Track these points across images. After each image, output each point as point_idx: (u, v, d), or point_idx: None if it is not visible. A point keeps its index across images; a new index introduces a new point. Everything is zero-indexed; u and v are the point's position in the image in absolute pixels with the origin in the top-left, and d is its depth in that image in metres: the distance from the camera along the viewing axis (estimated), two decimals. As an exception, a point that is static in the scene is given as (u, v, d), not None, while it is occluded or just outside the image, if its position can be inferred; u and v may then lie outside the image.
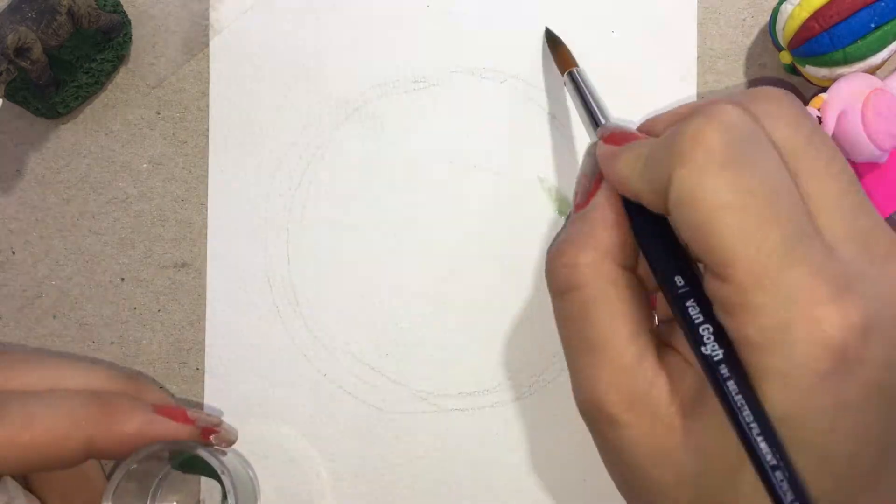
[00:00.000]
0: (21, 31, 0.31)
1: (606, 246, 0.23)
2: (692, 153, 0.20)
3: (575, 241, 0.24)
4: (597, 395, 0.22)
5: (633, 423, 0.22)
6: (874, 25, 0.31)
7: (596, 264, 0.23)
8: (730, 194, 0.19)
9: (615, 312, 0.22)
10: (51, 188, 0.36)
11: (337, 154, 0.36)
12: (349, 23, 0.36)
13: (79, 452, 0.27)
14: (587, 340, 0.23)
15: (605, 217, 0.24)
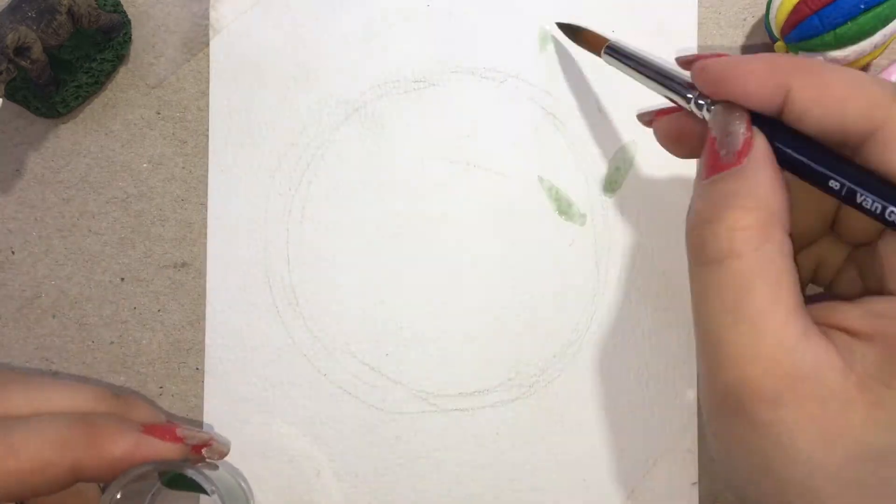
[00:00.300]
0: (21, 31, 0.31)
1: (773, 208, 0.21)
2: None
3: (735, 203, 0.21)
4: (753, 373, 0.20)
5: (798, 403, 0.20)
6: (864, 7, 0.31)
7: (763, 228, 0.21)
8: None
9: (781, 282, 0.21)
10: (50, 188, 0.36)
11: (337, 154, 0.36)
12: (349, 23, 0.36)
13: (65, 477, 0.26)
14: (743, 314, 0.21)
15: (768, 176, 0.22)
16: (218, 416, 0.35)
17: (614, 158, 0.36)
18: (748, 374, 0.20)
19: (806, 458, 0.20)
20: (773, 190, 0.21)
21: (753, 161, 0.22)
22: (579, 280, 0.35)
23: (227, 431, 0.35)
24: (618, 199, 0.36)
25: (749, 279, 0.21)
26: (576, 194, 0.36)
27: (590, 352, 0.35)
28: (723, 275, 0.21)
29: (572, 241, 0.36)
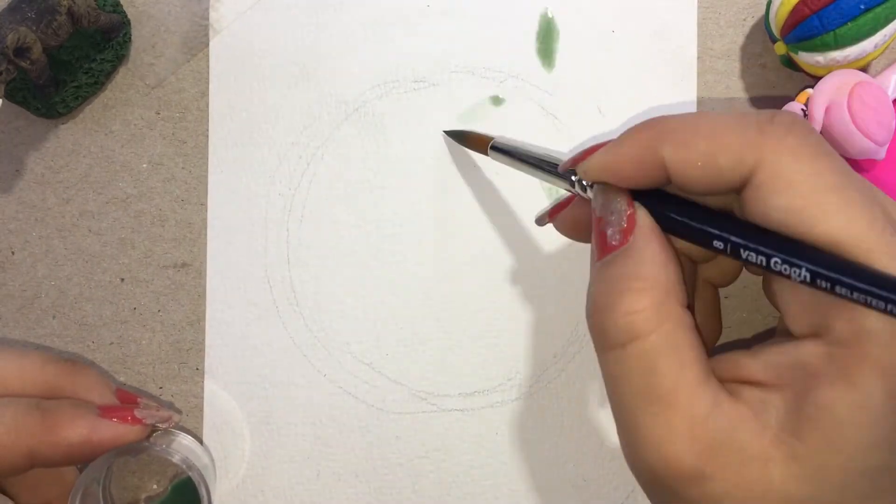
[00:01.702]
0: (21, 31, 0.31)
1: (666, 284, 0.21)
2: (786, 140, 0.20)
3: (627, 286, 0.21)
4: (672, 452, 0.20)
5: (721, 474, 0.20)
6: (864, 7, 0.31)
7: (659, 307, 0.21)
8: (831, 176, 0.19)
9: (685, 358, 0.21)
10: (50, 188, 0.36)
11: (337, 154, 0.36)
12: (349, 22, 0.36)
13: (20, 464, 0.27)
14: (653, 395, 0.21)
15: (655, 253, 0.22)
16: (218, 416, 0.35)
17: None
18: (668, 454, 0.20)
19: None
20: (662, 265, 0.21)
21: (639, 238, 0.22)
22: (579, 280, 0.35)
23: (227, 431, 0.35)
24: (618, 199, 0.36)
25: (653, 360, 0.21)
26: (576, 194, 0.36)
27: (590, 352, 0.35)
28: (627, 359, 0.21)
29: (572, 241, 0.36)
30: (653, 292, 0.21)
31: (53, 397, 0.29)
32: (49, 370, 0.29)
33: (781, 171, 0.19)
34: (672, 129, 0.21)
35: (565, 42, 0.36)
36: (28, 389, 0.29)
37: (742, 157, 0.20)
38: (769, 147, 0.20)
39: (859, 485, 0.19)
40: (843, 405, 0.19)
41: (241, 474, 0.35)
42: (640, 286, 0.21)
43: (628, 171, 0.22)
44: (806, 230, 0.19)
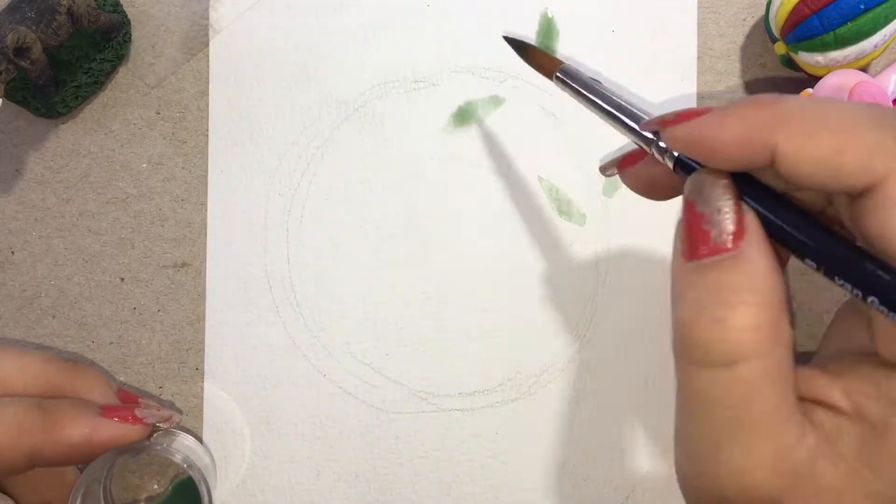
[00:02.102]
0: (21, 31, 0.31)
1: (778, 301, 0.19)
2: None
3: (738, 298, 0.18)
4: (752, 482, 0.19)
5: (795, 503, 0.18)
6: (864, 7, 0.31)
7: (773, 327, 0.18)
8: None
9: (787, 386, 0.19)
10: (50, 188, 0.36)
11: (337, 154, 0.36)
12: (349, 22, 0.36)
13: (21, 463, 0.26)
14: (745, 423, 0.19)
15: (768, 263, 0.19)
16: (218, 416, 0.35)
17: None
18: (747, 483, 0.19)
19: None
20: (775, 280, 0.19)
21: (753, 246, 0.19)
22: (579, 280, 0.35)
23: (227, 431, 0.35)
24: (618, 199, 0.36)
25: (756, 388, 0.18)
26: (576, 194, 0.36)
27: (590, 352, 0.35)
28: (726, 382, 0.19)
29: (572, 241, 0.36)
30: (768, 310, 0.18)
31: (54, 397, 0.29)
32: (50, 370, 0.29)
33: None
34: (793, 114, 0.19)
35: (565, 42, 0.36)
36: (29, 389, 0.29)
37: (871, 162, 0.18)
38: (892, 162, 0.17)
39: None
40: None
41: (241, 474, 0.35)
42: (754, 300, 0.18)
43: (729, 152, 0.19)
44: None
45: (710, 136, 0.20)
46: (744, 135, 0.19)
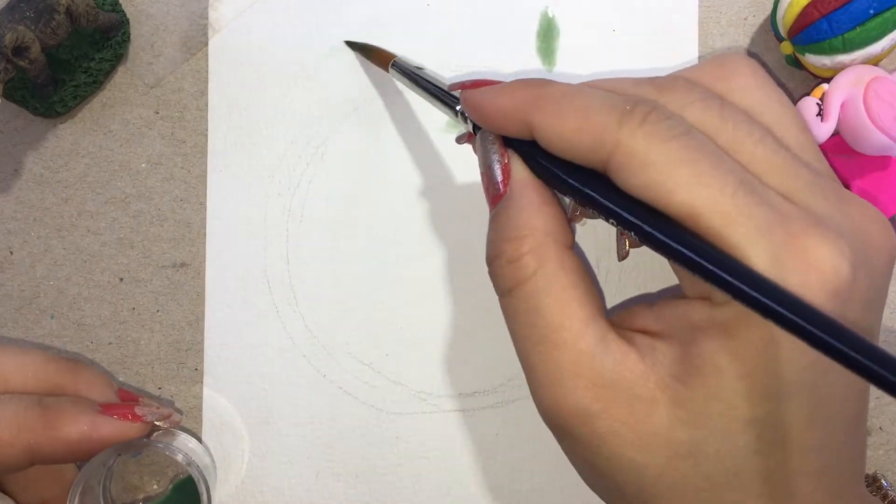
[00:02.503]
0: (19, 31, 0.31)
1: (544, 228, 0.22)
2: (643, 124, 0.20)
3: (508, 234, 0.22)
4: (562, 391, 0.21)
5: (607, 412, 0.21)
6: (873, 12, 0.31)
7: (538, 250, 0.22)
8: (682, 152, 0.20)
9: (568, 297, 0.22)
10: (49, 188, 0.36)
11: (336, 154, 0.36)
12: (349, 22, 0.36)
13: (21, 460, 0.27)
14: (538, 335, 0.22)
15: (532, 198, 0.23)
16: (217, 416, 0.35)
17: None
18: (557, 393, 0.21)
19: (629, 464, 0.21)
20: (538, 210, 0.22)
21: (514, 187, 0.23)
22: (579, 280, 0.35)
23: (226, 431, 0.35)
24: (618, 199, 0.36)
25: (535, 302, 0.22)
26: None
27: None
28: (515, 303, 0.22)
29: (572, 241, 0.35)
30: (530, 238, 0.22)
31: (54, 395, 0.29)
32: (50, 368, 0.29)
33: (636, 153, 0.20)
34: (549, 96, 0.22)
35: (566, 41, 0.36)
36: (29, 387, 0.29)
37: (602, 139, 0.21)
38: (626, 132, 0.20)
39: (743, 436, 0.20)
40: (722, 355, 0.20)
41: (241, 474, 0.35)
42: (518, 234, 0.22)
43: (497, 121, 0.23)
44: (664, 203, 0.20)
45: (485, 105, 0.24)
46: (509, 109, 0.23)
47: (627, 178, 0.20)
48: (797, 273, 0.18)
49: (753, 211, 0.19)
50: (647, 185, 0.20)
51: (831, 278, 0.18)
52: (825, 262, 0.18)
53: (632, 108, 0.21)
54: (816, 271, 0.18)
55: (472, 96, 0.24)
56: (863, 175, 0.34)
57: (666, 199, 0.20)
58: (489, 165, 0.24)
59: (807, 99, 0.33)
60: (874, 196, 0.34)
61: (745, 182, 0.20)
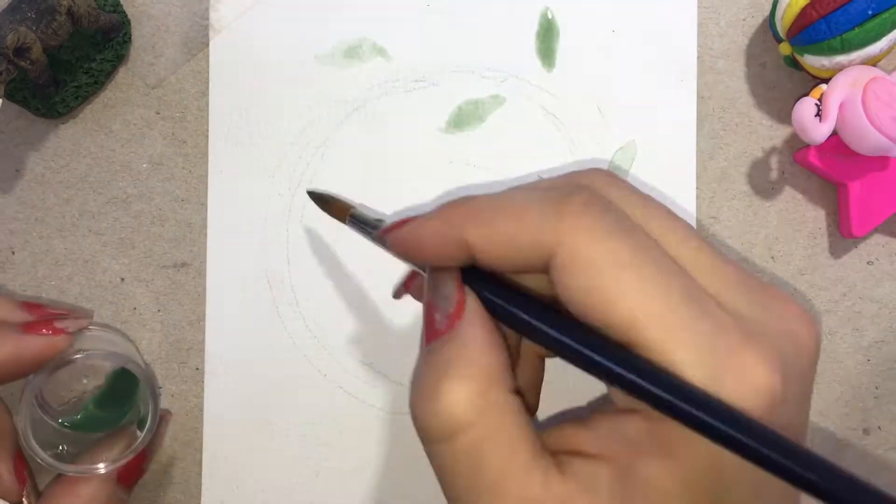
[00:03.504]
0: (21, 31, 0.31)
1: (489, 371, 0.20)
2: (582, 220, 0.19)
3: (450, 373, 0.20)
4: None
5: None
6: (871, 13, 0.31)
7: (483, 396, 0.20)
8: (626, 254, 0.19)
9: (513, 445, 0.20)
10: (50, 188, 0.36)
11: (337, 154, 0.36)
12: (349, 22, 0.36)
13: None
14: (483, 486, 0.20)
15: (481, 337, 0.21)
16: (218, 415, 0.35)
17: (614, 158, 0.36)
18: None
19: None
20: (485, 351, 0.21)
21: (466, 323, 0.21)
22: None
23: (227, 431, 0.35)
24: (618, 200, 0.36)
25: (479, 452, 0.20)
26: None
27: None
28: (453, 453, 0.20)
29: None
30: (474, 380, 0.20)
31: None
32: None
33: (578, 252, 0.19)
34: (477, 208, 0.21)
35: (566, 42, 0.36)
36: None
37: (541, 238, 0.20)
38: (565, 228, 0.19)
39: None
40: (666, 477, 0.19)
41: (240, 475, 0.35)
42: (462, 373, 0.20)
43: (431, 248, 0.22)
44: (606, 310, 0.19)
45: (415, 236, 0.22)
46: (440, 230, 0.22)
47: (569, 280, 0.19)
48: (734, 390, 0.18)
49: (695, 325, 0.18)
50: (589, 289, 0.19)
51: (765, 393, 0.18)
52: (760, 379, 0.18)
53: (567, 197, 0.20)
54: (752, 388, 0.18)
55: (401, 233, 0.23)
56: (861, 175, 0.34)
57: (608, 307, 0.19)
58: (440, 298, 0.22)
59: (805, 99, 0.33)
60: (874, 196, 0.34)
61: (687, 290, 0.19)
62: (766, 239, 0.36)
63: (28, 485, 0.31)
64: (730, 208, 0.36)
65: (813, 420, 0.36)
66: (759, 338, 0.19)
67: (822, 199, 0.36)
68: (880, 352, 0.36)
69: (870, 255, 0.36)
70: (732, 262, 0.21)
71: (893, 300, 0.36)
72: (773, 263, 0.36)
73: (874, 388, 0.36)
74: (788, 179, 0.36)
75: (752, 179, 0.36)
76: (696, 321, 0.18)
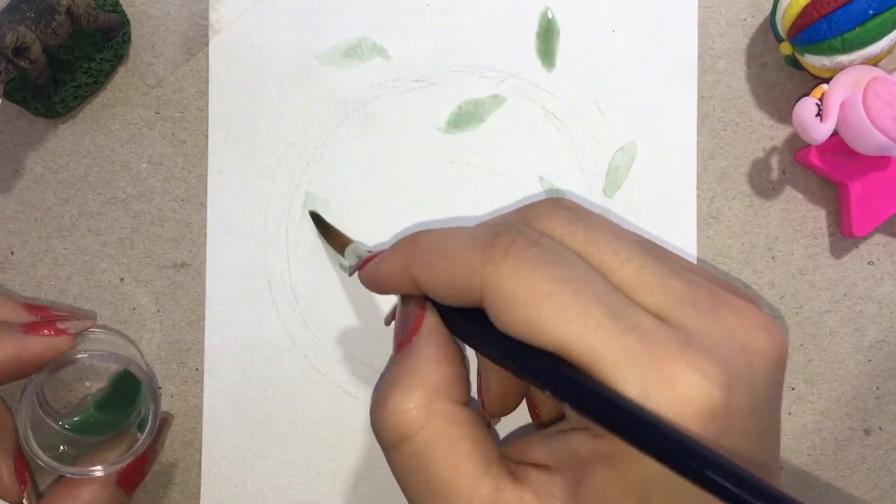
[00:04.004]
0: (20, 31, 0.31)
1: (436, 383, 0.22)
2: (506, 261, 0.20)
3: (399, 384, 0.22)
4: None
5: None
6: (872, 13, 0.31)
7: (428, 405, 0.22)
8: (545, 285, 0.20)
9: (459, 452, 0.21)
10: (50, 188, 0.36)
11: (337, 154, 0.36)
12: (349, 22, 0.36)
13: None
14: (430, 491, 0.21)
15: (430, 352, 0.23)
16: (218, 416, 0.35)
17: (614, 158, 0.36)
18: None
19: None
20: (435, 363, 0.22)
21: (420, 338, 0.23)
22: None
23: (227, 431, 0.35)
24: (619, 200, 0.36)
25: (425, 458, 0.21)
26: (577, 194, 0.36)
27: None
28: (402, 458, 0.22)
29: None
30: (420, 390, 0.22)
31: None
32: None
33: (501, 291, 0.20)
34: (422, 248, 0.23)
35: (566, 41, 0.36)
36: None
37: (470, 279, 0.21)
38: (489, 270, 0.20)
39: None
40: (611, 487, 0.20)
41: (240, 475, 0.35)
42: (410, 384, 0.22)
43: (390, 285, 0.24)
44: (536, 340, 0.20)
45: (375, 276, 0.25)
46: (394, 271, 0.24)
47: (498, 317, 0.20)
48: (665, 402, 0.18)
49: (619, 340, 0.19)
50: (516, 322, 0.20)
51: (701, 404, 0.18)
52: (692, 389, 0.18)
53: (493, 239, 0.21)
54: (684, 399, 0.18)
55: (364, 272, 0.25)
56: (862, 175, 0.34)
57: (537, 337, 0.20)
58: (405, 315, 0.24)
59: (806, 99, 0.33)
60: (875, 196, 0.34)
61: (611, 308, 0.19)
62: (766, 239, 0.36)
63: (29, 486, 0.31)
64: (730, 208, 0.36)
65: (813, 420, 0.36)
66: (695, 349, 0.19)
67: (822, 199, 0.36)
68: (881, 352, 0.36)
69: (870, 255, 0.36)
70: (684, 273, 0.21)
71: (894, 300, 0.36)
72: (774, 263, 0.36)
73: (875, 389, 0.36)
74: (789, 179, 0.36)
75: (752, 179, 0.36)
76: (620, 337, 0.19)
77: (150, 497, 0.36)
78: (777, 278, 0.36)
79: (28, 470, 0.31)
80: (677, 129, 0.36)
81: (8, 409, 0.31)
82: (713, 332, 0.20)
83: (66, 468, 0.30)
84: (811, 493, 0.36)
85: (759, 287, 0.36)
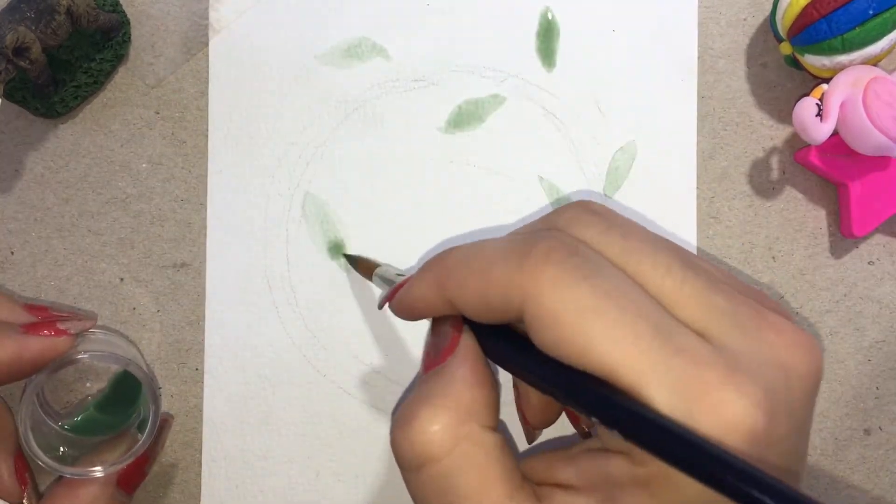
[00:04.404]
0: (20, 31, 0.31)
1: (468, 405, 0.21)
2: (544, 272, 0.19)
3: (430, 403, 0.21)
4: None
5: None
6: (873, 13, 0.31)
7: (456, 427, 0.21)
8: (591, 300, 0.19)
9: (487, 478, 0.20)
10: (50, 188, 0.36)
11: (337, 154, 0.36)
12: (349, 22, 0.36)
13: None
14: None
15: (465, 373, 0.21)
16: (218, 416, 0.35)
17: (614, 158, 0.36)
18: None
19: None
20: (469, 386, 0.21)
21: (455, 359, 0.22)
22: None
23: (227, 431, 0.35)
24: (619, 199, 0.36)
25: (450, 483, 0.20)
26: (576, 194, 0.36)
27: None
28: (426, 480, 0.21)
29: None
30: (452, 412, 0.21)
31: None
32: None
33: (544, 305, 0.19)
34: (452, 267, 0.22)
35: (566, 41, 0.36)
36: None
37: (508, 294, 0.20)
38: (529, 281, 0.19)
39: None
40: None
41: (240, 475, 0.35)
42: (440, 404, 0.21)
43: (424, 310, 0.23)
44: (580, 360, 0.19)
45: (407, 306, 0.23)
46: (427, 295, 0.22)
47: (539, 334, 0.19)
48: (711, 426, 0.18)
49: (667, 365, 0.18)
50: (560, 342, 0.19)
51: (745, 429, 0.18)
52: (738, 416, 0.18)
53: (529, 248, 0.20)
54: (729, 423, 0.18)
55: (394, 303, 0.24)
56: (862, 175, 0.34)
57: (581, 358, 0.19)
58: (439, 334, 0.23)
59: (806, 99, 0.33)
60: (875, 196, 0.34)
61: (659, 329, 0.19)
62: (766, 239, 0.36)
63: (29, 486, 0.31)
64: (730, 208, 0.36)
65: (813, 420, 0.36)
66: (741, 372, 0.18)
67: (822, 199, 0.36)
68: (881, 352, 0.36)
69: (870, 255, 0.36)
70: (725, 288, 0.20)
71: (894, 300, 0.36)
72: (774, 263, 0.36)
73: (875, 389, 0.36)
74: (789, 179, 0.36)
75: (752, 179, 0.36)
76: (667, 361, 0.18)
77: (150, 497, 0.36)
78: (777, 278, 0.36)
79: (28, 470, 0.31)
80: (677, 129, 0.36)
81: (8, 409, 0.31)
82: (757, 353, 0.19)
83: (66, 469, 0.30)
84: (811, 493, 0.36)
85: (759, 287, 0.36)
